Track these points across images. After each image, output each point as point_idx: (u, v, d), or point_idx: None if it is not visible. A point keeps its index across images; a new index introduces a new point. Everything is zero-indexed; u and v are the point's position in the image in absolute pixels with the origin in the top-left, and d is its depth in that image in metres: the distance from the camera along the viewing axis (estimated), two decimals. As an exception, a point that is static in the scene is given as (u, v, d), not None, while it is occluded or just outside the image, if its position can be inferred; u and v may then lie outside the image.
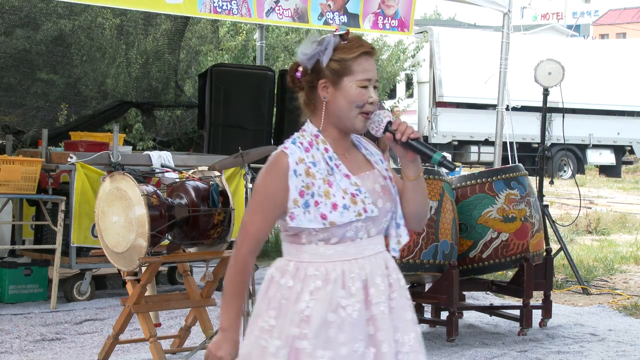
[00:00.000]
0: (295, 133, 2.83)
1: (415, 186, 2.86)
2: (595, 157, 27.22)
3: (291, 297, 2.75)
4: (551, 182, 9.60)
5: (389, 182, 2.87)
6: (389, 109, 3.41)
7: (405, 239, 2.90)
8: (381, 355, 2.75)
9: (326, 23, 8.26)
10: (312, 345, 2.70)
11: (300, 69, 2.80)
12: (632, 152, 28.13)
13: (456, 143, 25.02)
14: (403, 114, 23.62)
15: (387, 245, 2.91)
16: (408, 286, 6.94)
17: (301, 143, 2.78)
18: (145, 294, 5.35)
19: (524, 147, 22.86)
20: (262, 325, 2.77)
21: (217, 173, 5.44)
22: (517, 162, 8.94)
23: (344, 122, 2.79)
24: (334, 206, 2.72)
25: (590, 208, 15.50)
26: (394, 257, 2.90)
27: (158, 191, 5.20)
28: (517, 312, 6.43)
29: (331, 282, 2.74)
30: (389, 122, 2.78)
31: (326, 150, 2.78)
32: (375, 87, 2.81)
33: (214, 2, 7.45)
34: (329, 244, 2.76)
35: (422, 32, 24.44)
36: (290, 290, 2.76)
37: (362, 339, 2.73)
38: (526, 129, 22.89)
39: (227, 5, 7.55)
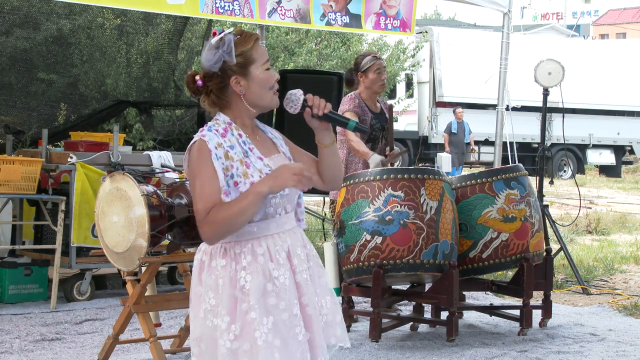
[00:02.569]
0: (209, 122, 3.06)
1: (331, 151, 3.12)
2: (595, 157, 27.24)
3: (226, 275, 2.94)
4: (551, 182, 9.60)
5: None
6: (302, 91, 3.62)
7: (303, 214, 3.14)
8: (308, 317, 2.98)
9: (328, 24, 8.23)
10: (257, 314, 2.89)
11: (198, 77, 3.02)
12: (632, 152, 28.16)
13: (456, 143, 25.01)
14: (403, 114, 23.63)
15: None
16: (408, 286, 6.90)
17: (217, 130, 3.01)
18: (145, 294, 5.35)
19: (524, 147, 22.87)
20: (205, 307, 2.96)
21: (217, 173, 5.43)
22: (517, 162, 8.93)
23: (262, 105, 3.05)
24: (252, 185, 2.91)
25: (590, 208, 15.51)
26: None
27: (158, 191, 5.20)
28: (517, 312, 6.42)
29: (260, 256, 2.94)
30: (305, 100, 3.03)
31: (240, 135, 3.01)
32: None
33: (216, 3, 7.42)
34: (253, 221, 2.94)
35: (422, 32, 24.43)
36: (225, 269, 2.95)
37: (296, 302, 2.96)
38: (526, 129, 22.90)
39: (229, 6, 7.53)
